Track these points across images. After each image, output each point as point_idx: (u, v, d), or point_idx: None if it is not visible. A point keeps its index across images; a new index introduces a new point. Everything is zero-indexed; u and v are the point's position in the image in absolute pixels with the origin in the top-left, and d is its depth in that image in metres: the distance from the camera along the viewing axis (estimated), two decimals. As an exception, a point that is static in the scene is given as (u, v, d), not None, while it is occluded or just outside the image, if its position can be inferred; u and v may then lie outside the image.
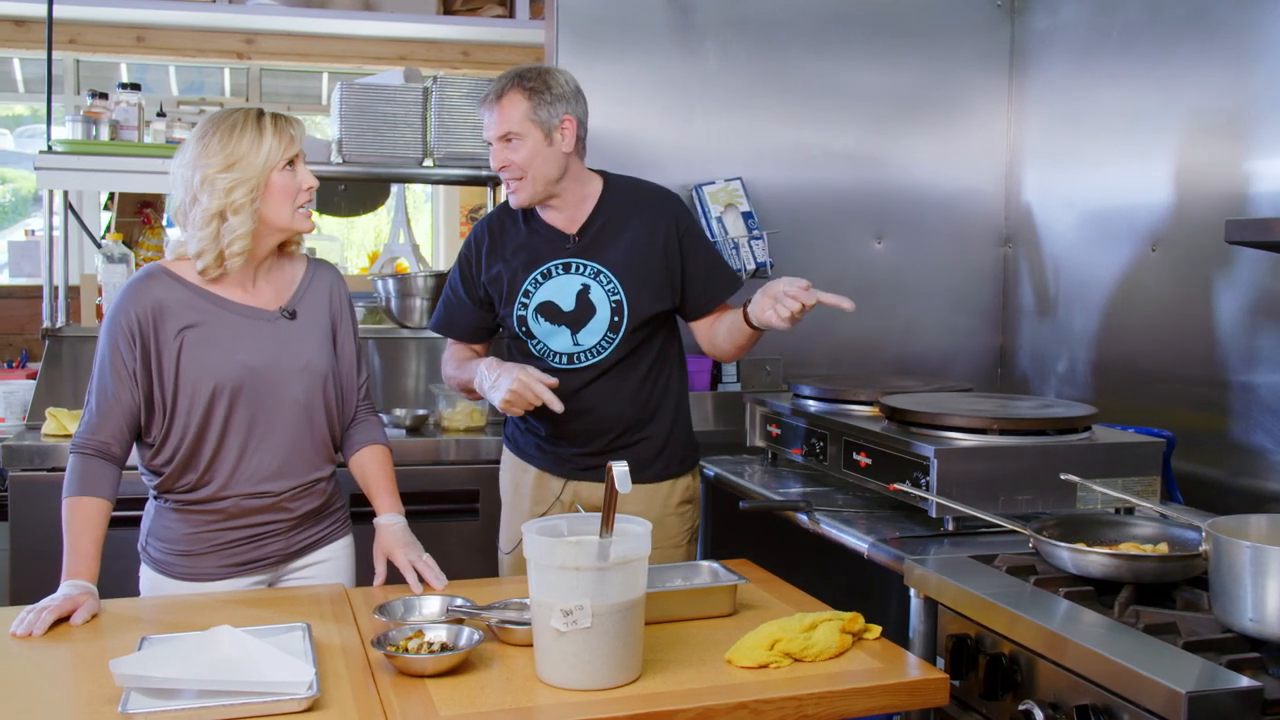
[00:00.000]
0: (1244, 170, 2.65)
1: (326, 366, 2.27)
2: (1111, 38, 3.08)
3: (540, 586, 1.68)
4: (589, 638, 1.65)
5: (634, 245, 2.53)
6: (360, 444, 2.37)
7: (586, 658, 1.66)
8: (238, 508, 2.20)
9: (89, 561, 2.08)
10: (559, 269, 2.52)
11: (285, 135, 2.17)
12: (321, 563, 2.33)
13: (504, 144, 2.45)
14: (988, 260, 3.59)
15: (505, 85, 2.45)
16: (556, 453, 2.61)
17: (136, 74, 6.01)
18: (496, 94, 2.46)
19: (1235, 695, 1.47)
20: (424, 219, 6.92)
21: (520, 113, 2.43)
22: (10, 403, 3.60)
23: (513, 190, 2.49)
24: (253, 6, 4.56)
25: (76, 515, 2.11)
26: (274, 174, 2.15)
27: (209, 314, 2.18)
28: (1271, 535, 1.75)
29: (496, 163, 2.47)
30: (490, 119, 2.46)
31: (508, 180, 2.49)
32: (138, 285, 2.18)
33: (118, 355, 2.15)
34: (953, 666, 1.89)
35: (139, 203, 4.16)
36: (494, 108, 2.45)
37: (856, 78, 3.46)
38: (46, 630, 1.92)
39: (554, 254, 2.53)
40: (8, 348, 4.80)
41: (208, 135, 2.15)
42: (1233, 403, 2.67)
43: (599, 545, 1.66)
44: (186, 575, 2.22)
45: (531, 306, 2.52)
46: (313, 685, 1.63)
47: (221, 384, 2.15)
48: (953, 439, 2.30)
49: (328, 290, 2.33)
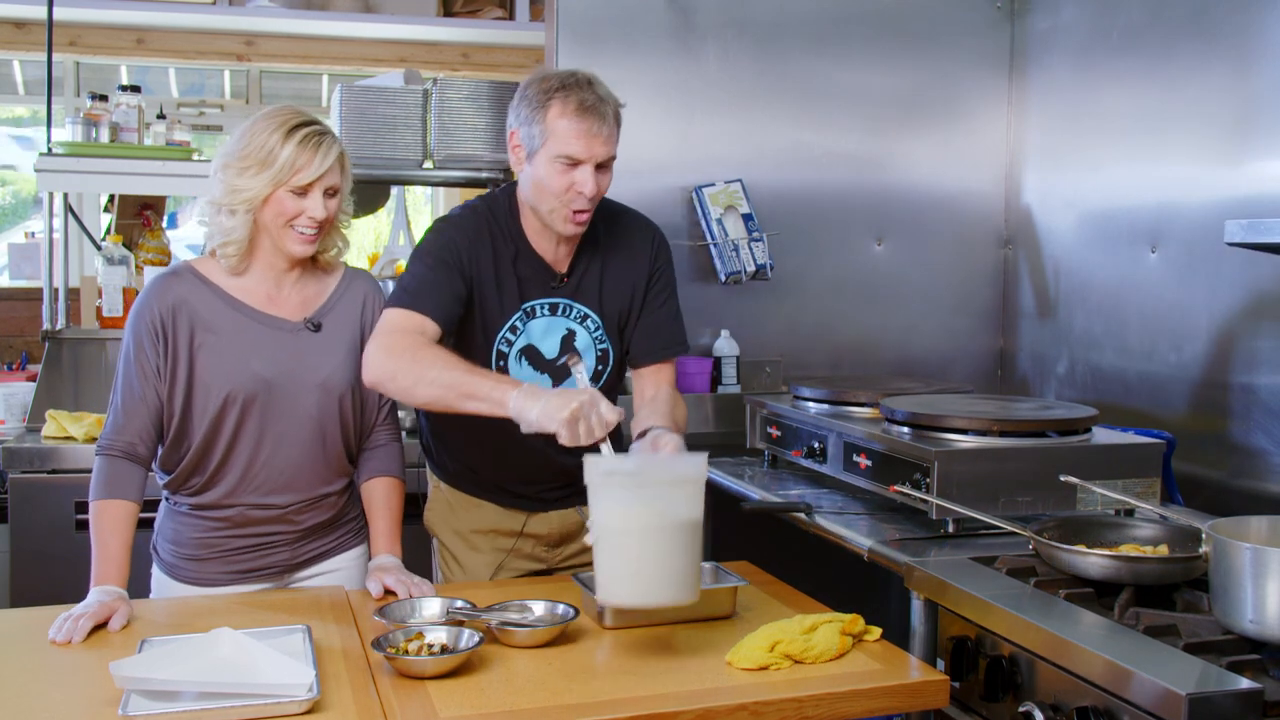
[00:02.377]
0: (1244, 171, 2.65)
1: (346, 383, 2.20)
2: (1112, 39, 3.08)
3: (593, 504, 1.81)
4: (641, 552, 1.77)
5: (617, 287, 2.31)
6: (371, 473, 2.28)
7: (636, 569, 1.77)
8: (243, 516, 2.18)
9: (119, 566, 2.06)
10: (545, 309, 2.26)
11: (309, 159, 2.07)
12: (331, 572, 2.28)
13: (602, 170, 2.12)
14: (988, 262, 3.59)
15: (611, 100, 2.12)
16: (513, 490, 2.39)
17: (137, 76, 6.01)
18: (613, 111, 2.11)
19: (1235, 697, 1.47)
20: (424, 221, 6.92)
21: (617, 135, 2.13)
22: (10, 405, 3.60)
23: (580, 221, 2.16)
24: (253, 8, 4.56)
25: (104, 518, 2.09)
26: (280, 190, 2.08)
27: (229, 319, 2.14)
28: (1272, 537, 1.75)
29: (590, 188, 2.10)
30: (601, 134, 2.09)
31: (579, 213, 2.13)
32: (162, 282, 2.16)
33: (143, 352, 2.12)
34: (953, 668, 1.89)
35: (139, 205, 4.15)
36: (609, 124, 2.10)
37: (857, 79, 3.46)
38: (86, 637, 1.91)
39: (541, 291, 2.25)
40: (8, 350, 4.80)
41: (247, 128, 2.11)
42: (1233, 404, 2.67)
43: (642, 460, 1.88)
44: (192, 579, 2.21)
45: (515, 348, 2.25)
46: (313, 687, 1.63)
47: (234, 392, 2.12)
48: (953, 441, 2.30)
49: (360, 300, 2.25)
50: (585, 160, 2.09)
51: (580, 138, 2.08)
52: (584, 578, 2.09)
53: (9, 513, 3.13)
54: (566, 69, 2.20)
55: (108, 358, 3.64)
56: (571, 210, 2.13)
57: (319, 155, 2.08)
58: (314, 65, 5.42)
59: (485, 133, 3.72)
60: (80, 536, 3.05)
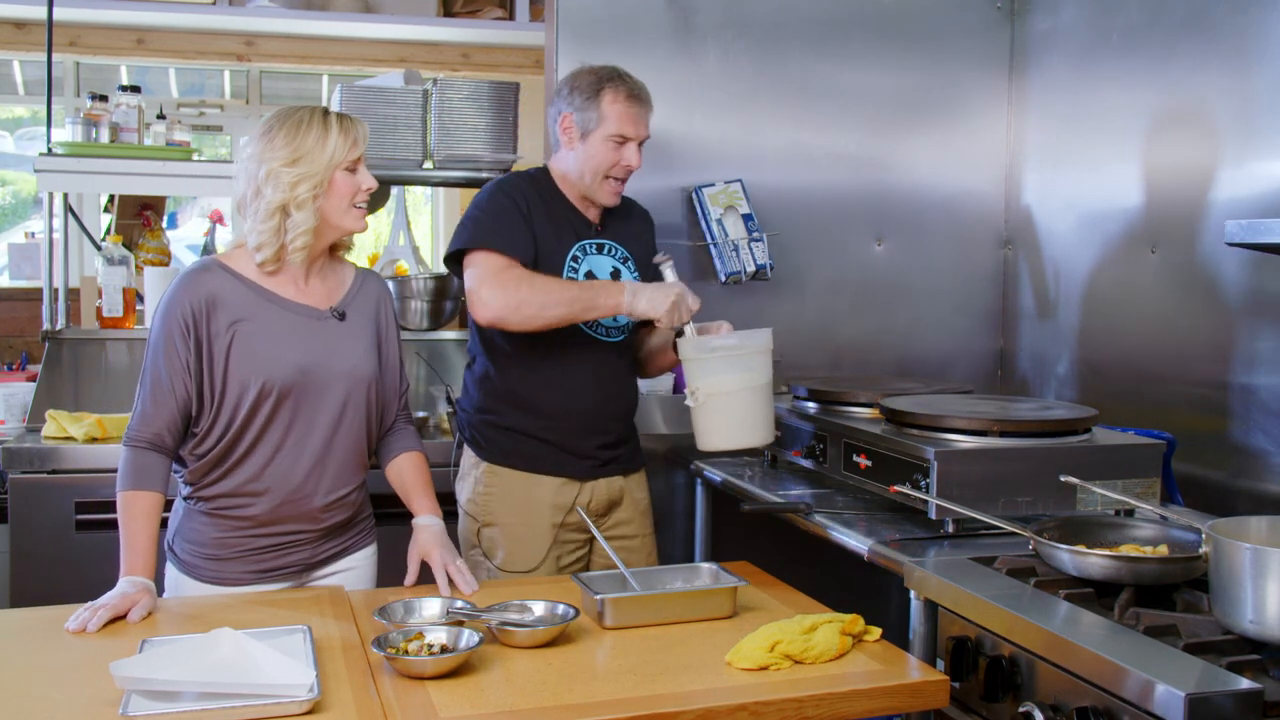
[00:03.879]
0: (1244, 172, 2.65)
1: (371, 372, 2.28)
2: (1111, 39, 3.08)
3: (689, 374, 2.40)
4: (742, 404, 2.38)
5: (640, 244, 2.69)
6: (398, 450, 2.39)
7: (741, 418, 2.39)
8: (269, 515, 2.21)
9: (145, 557, 2.10)
10: (593, 247, 2.59)
11: (350, 136, 2.20)
12: (346, 571, 2.33)
13: (640, 146, 2.54)
14: (988, 262, 3.59)
15: (645, 89, 2.55)
16: (571, 452, 2.56)
17: (136, 76, 6.01)
18: (648, 97, 2.55)
19: (1235, 697, 1.47)
20: (424, 221, 6.92)
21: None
22: (10, 405, 3.59)
23: (619, 191, 2.58)
24: (253, 9, 4.56)
25: (132, 510, 2.12)
26: (337, 172, 2.18)
27: (261, 309, 2.18)
28: (1272, 537, 1.75)
29: (635, 160, 2.53)
30: (644, 118, 2.54)
31: (620, 183, 2.56)
32: (192, 276, 2.19)
33: (172, 346, 2.14)
34: (953, 668, 1.89)
35: (139, 205, 4.15)
36: (647, 110, 2.54)
37: (856, 79, 3.46)
38: (102, 627, 1.95)
39: (586, 233, 2.59)
40: (8, 350, 4.80)
41: (274, 130, 2.16)
42: (1233, 404, 2.67)
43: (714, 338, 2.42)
44: (211, 578, 2.22)
45: (580, 273, 2.54)
46: (313, 687, 1.63)
47: (271, 381, 2.15)
48: (953, 441, 2.30)
49: (375, 299, 2.35)
50: (634, 138, 2.52)
51: (629, 120, 2.51)
52: (584, 577, 2.10)
53: (9, 513, 3.13)
54: (600, 64, 2.58)
55: (108, 358, 3.64)
56: (615, 180, 2.55)
57: (358, 129, 2.24)
58: (314, 65, 5.42)
59: (485, 133, 3.72)
60: (81, 537, 3.08)
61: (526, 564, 2.55)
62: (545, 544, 2.56)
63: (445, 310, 3.97)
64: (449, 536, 2.33)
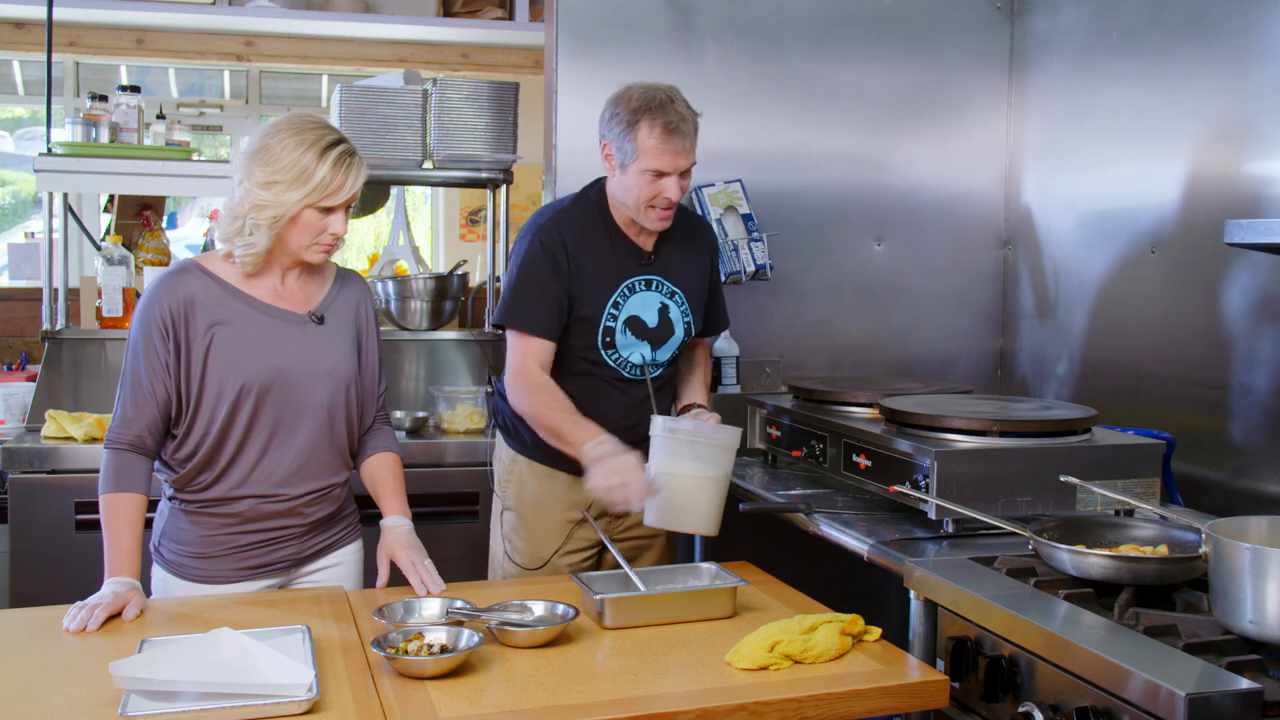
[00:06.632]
0: (1244, 172, 2.65)
1: (351, 373, 2.28)
2: (1111, 39, 3.08)
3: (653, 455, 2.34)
4: (685, 490, 2.31)
5: (694, 270, 2.64)
6: (372, 450, 2.38)
7: (680, 504, 2.32)
8: (254, 512, 2.21)
9: (131, 558, 2.10)
10: (641, 284, 2.54)
11: (338, 182, 2.11)
12: (332, 567, 2.34)
13: (684, 175, 2.44)
14: (987, 262, 3.59)
15: (691, 116, 2.43)
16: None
17: (136, 76, 6.02)
18: (693, 126, 2.42)
19: (1235, 697, 1.47)
20: (423, 221, 6.92)
21: (696, 142, 2.44)
22: (10, 405, 3.60)
23: (665, 219, 2.47)
24: (253, 9, 4.56)
25: (115, 511, 2.12)
26: (307, 210, 2.12)
27: (239, 313, 2.18)
28: (1271, 537, 1.75)
29: (675, 193, 2.43)
30: (684, 149, 2.41)
31: (665, 211, 2.46)
32: (170, 279, 2.18)
33: (151, 348, 2.14)
34: (953, 668, 1.89)
35: (139, 205, 4.15)
36: (690, 139, 2.42)
37: (856, 80, 3.46)
38: (100, 626, 1.96)
39: (635, 269, 2.54)
40: (7, 350, 4.79)
41: (271, 140, 2.11)
42: (1233, 405, 2.67)
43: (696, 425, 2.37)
44: (199, 577, 2.22)
45: (621, 319, 2.52)
46: (313, 687, 1.63)
47: (249, 383, 2.15)
48: (953, 441, 2.30)
49: (355, 301, 2.34)
50: (670, 173, 2.42)
51: (666, 155, 2.39)
52: (584, 577, 2.11)
53: (9, 513, 3.13)
54: (649, 85, 2.45)
55: (107, 358, 3.64)
56: (659, 209, 2.46)
57: (351, 175, 2.13)
58: (314, 65, 5.43)
59: (485, 133, 3.72)
60: (80, 536, 3.08)
61: (537, 555, 2.59)
62: (557, 538, 2.58)
63: (445, 310, 3.97)
64: (416, 537, 2.31)
